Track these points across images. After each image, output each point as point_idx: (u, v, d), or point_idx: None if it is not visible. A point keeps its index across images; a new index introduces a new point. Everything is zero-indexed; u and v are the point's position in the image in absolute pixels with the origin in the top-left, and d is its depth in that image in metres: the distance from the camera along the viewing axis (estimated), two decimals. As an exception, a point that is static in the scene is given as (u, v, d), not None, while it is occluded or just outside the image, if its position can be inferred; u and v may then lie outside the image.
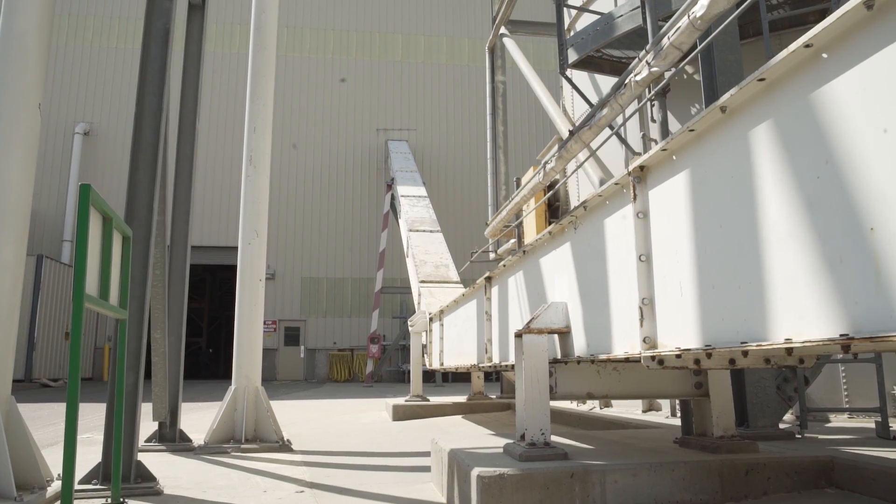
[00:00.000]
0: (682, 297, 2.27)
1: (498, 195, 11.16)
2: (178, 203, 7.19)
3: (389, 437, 7.40)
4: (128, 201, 4.79)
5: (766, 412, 4.02)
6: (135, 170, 4.87)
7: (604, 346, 2.97)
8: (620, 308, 2.80)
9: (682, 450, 3.60)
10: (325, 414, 10.42)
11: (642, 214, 2.59)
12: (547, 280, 3.85)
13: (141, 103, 4.98)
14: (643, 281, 2.53)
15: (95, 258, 3.55)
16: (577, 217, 3.36)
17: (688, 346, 2.17)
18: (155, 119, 4.97)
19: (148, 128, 4.94)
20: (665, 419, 5.98)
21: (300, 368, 24.02)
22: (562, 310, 3.49)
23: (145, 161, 4.91)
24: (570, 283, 3.43)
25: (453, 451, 3.66)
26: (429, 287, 11.01)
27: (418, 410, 9.41)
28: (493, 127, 11.54)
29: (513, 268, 4.69)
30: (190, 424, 8.29)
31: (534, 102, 26.47)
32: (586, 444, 3.87)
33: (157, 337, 6.53)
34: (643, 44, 6.33)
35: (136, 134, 4.91)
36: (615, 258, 2.88)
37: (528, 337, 3.40)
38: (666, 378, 3.59)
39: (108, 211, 3.67)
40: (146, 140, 4.95)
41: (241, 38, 24.81)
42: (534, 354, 3.39)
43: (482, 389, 10.33)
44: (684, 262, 2.26)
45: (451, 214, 23.57)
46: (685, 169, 2.28)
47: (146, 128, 4.94)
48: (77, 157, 23.46)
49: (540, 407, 3.35)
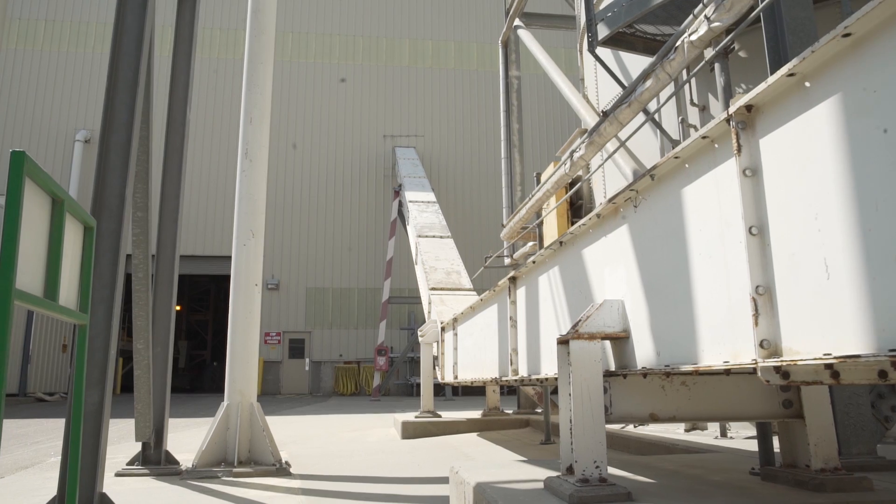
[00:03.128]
0: (828, 280, 1.57)
1: (513, 197, 10.47)
2: (167, 200, 6.54)
3: (399, 458, 6.68)
4: (95, 188, 4.12)
5: (860, 436, 3.29)
6: (104, 153, 4.21)
7: (684, 355, 2.27)
8: (711, 302, 2.10)
9: (770, 485, 2.87)
10: (330, 431, 9.70)
11: (750, 172, 1.89)
12: (593, 275, 3.15)
13: (113, 77, 4.33)
14: (756, 262, 1.83)
15: (38, 248, 2.88)
16: (639, 192, 2.66)
17: (850, 352, 1.47)
18: (129, 95, 4.32)
19: (121, 105, 4.28)
20: (714, 440, 5.24)
21: (305, 382, 23.26)
22: (617, 309, 2.78)
23: (117, 143, 4.24)
24: (629, 275, 2.73)
25: (481, 487, 2.95)
26: (440, 294, 10.31)
27: (430, 427, 8.68)
28: (508, 125, 10.87)
29: (545, 264, 3.99)
30: (185, 442, 7.61)
31: (548, 101, 25.93)
32: (643, 477, 3.15)
33: (140, 348, 5.85)
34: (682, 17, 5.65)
35: (106, 113, 4.26)
36: (701, 237, 2.18)
37: (577, 344, 2.69)
38: (748, 395, 2.87)
39: (58, 191, 2.99)
40: (118, 120, 4.29)
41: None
42: (584, 366, 2.69)
43: (498, 404, 9.60)
44: (832, 229, 1.56)
45: (460, 223, 22.87)
46: (833, 95, 1.58)
47: (118, 105, 4.28)
48: (78, 164, 22.92)
49: (593, 432, 2.64)
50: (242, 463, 6.02)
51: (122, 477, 5.58)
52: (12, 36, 24.12)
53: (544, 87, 25.02)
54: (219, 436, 6.13)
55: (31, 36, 24.30)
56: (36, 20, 24.47)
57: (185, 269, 24.42)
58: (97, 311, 3.91)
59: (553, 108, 26.15)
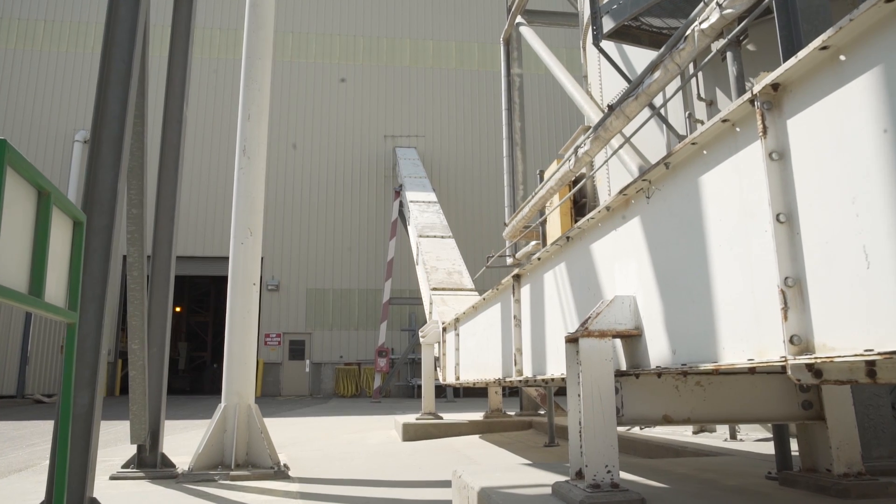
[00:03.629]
0: (868, 269, 1.44)
1: (515, 196, 10.34)
2: (163, 198, 6.42)
3: (400, 461, 6.55)
4: (86, 182, 4.00)
5: (881, 439, 3.15)
6: (96, 147, 4.08)
7: (702, 353, 2.13)
8: (733, 296, 1.97)
9: (789, 491, 2.74)
10: (330, 433, 9.57)
11: (777, 155, 1.76)
12: (602, 270, 3.02)
13: (106, 69, 4.20)
14: (784, 252, 1.69)
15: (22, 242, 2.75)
16: (652, 182, 2.53)
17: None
18: (121, 88, 4.19)
19: (114, 97, 4.16)
20: (724, 442, 5.10)
21: (305, 383, 23.11)
22: (629, 306, 2.65)
23: (109, 137, 4.12)
24: (641, 270, 2.60)
25: (485, 492, 2.81)
26: (441, 295, 10.17)
27: (431, 430, 8.55)
28: (510, 123, 10.74)
29: (550, 261, 3.86)
30: (183, 445, 7.47)
31: (549, 99, 25.80)
32: (655, 481, 3.02)
33: (135, 348, 5.72)
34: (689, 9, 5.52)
35: (98, 106, 4.13)
36: (721, 227, 2.05)
37: (587, 342, 2.56)
38: (766, 396, 2.74)
39: (44, 183, 2.86)
40: (110, 113, 4.17)
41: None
42: (594, 365, 2.55)
43: (500, 406, 9.46)
44: (873, 213, 1.42)
45: (461, 224, 22.73)
46: (873, 67, 1.45)
47: (111, 97, 4.16)
48: (77, 165, 22.79)
49: (604, 435, 2.51)
50: (240, 466, 5.89)
51: (116, 480, 5.45)
52: (11, 36, 24.03)
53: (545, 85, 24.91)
54: (216, 438, 6.00)
55: (31, 36, 24.20)
56: (35, 20, 24.36)
57: (186, 271, 24.34)
58: (88, 309, 3.78)
59: (554, 107, 26.02)
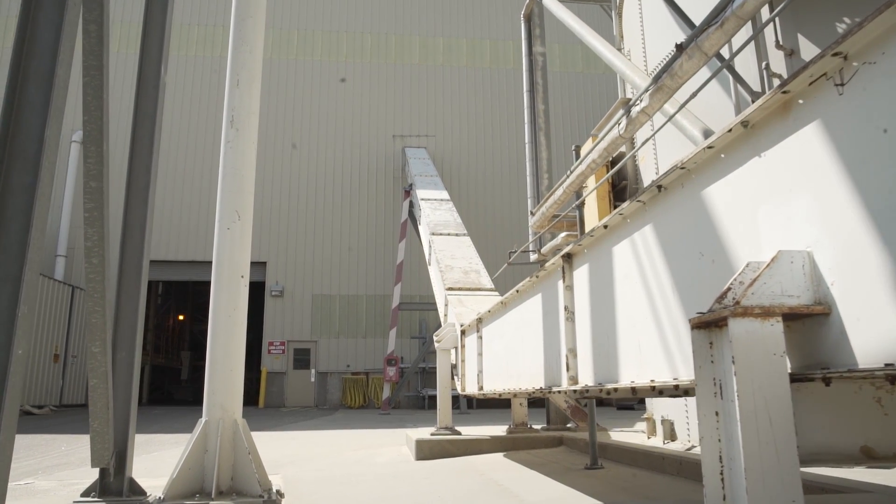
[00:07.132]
0: None
1: (539, 184, 9.34)
2: (135, 175, 5.48)
3: (414, 485, 5.52)
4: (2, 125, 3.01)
5: None
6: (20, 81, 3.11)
7: None
8: None
9: None
10: (334, 449, 8.54)
11: None
12: (733, 222, 2.00)
13: (36, -15, 3.24)
14: None
15: None
16: (849, 56, 1.51)
17: None
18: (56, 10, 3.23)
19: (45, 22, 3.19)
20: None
21: (311, 394, 22.06)
22: (802, 266, 1.63)
23: (37, 70, 3.15)
24: (823, 208, 1.58)
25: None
26: (458, 295, 9.16)
27: (448, 447, 7.49)
28: (532, 106, 9.76)
29: (623, 227, 2.84)
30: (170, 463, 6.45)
31: (570, 86, 24.88)
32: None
33: (95, 352, 4.71)
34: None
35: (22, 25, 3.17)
36: None
37: (742, 325, 1.55)
38: None
39: None
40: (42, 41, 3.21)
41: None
42: (756, 363, 1.53)
43: (526, 419, 8.41)
44: None
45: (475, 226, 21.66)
46: None
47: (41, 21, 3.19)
48: (73, 166, 21.97)
49: (780, 478, 1.48)
50: (222, 494, 4.87)
51: (71, 513, 4.46)
52: (9, 36, 23.29)
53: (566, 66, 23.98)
54: (194, 460, 4.98)
55: (29, 35, 23.45)
56: (33, 19, 23.62)
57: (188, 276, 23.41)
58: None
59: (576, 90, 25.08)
